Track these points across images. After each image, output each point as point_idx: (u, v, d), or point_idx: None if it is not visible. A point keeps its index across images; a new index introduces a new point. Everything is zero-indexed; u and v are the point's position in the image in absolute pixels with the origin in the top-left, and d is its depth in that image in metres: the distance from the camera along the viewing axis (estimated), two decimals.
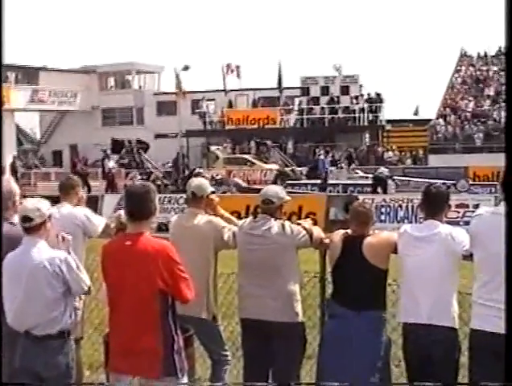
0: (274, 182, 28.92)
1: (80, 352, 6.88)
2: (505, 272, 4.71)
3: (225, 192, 26.03)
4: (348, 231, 6.01)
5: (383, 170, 29.16)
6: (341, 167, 38.98)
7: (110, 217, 7.01)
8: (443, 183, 22.80)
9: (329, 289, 6.20)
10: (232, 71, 56.91)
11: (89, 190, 29.83)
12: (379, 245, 5.86)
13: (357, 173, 35.26)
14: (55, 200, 6.71)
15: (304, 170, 37.71)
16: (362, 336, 5.70)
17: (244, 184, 27.40)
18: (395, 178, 30.09)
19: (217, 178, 29.54)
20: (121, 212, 5.77)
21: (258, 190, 7.10)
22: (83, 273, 5.56)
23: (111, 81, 63.81)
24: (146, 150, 31.83)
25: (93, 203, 19.49)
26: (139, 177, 29.31)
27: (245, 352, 6.40)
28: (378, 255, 5.83)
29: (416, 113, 57.78)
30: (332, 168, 37.51)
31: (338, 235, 6.05)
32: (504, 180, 5.01)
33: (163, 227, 13.08)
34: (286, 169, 37.74)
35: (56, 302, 5.38)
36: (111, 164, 36.84)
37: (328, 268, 6.19)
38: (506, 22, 4.87)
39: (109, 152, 37.49)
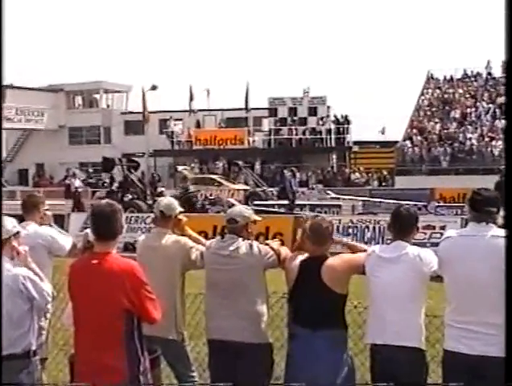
0: (246, 203, 28.68)
1: (45, 373, 6.79)
2: (506, 276, 4.78)
3: (218, 212, 25.57)
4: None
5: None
6: (313, 188, 38.96)
7: (77, 236, 6.92)
8: (415, 205, 22.95)
9: None
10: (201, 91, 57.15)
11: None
12: (340, 269, 5.74)
13: (328, 194, 35.23)
14: (20, 219, 6.62)
15: (275, 190, 37.61)
16: (320, 354, 5.63)
17: (238, 204, 26.83)
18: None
19: (211, 197, 29.18)
20: (89, 231, 5.70)
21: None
22: (45, 282, 5.46)
23: (78, 100, 63.70)
24: (137, 169, 31.38)
25: (59, 222, 19.28)
26: (130, 196, 28.77)
27: (212, 373, 6.33)
28: (338, 279, 5.73)
29: (383, 133, 58.27)
30: (304, 189, 37.47)
31: (297, 258, 5.98)
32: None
33: (129, 247, 13.03)
34: (258, 189, 37.63)
35: (21, 321, 5.29)
36: (77, 183, 36.65)
37: None
38: (506, 35, 4.98)
39: (77, 171, 37.21)
